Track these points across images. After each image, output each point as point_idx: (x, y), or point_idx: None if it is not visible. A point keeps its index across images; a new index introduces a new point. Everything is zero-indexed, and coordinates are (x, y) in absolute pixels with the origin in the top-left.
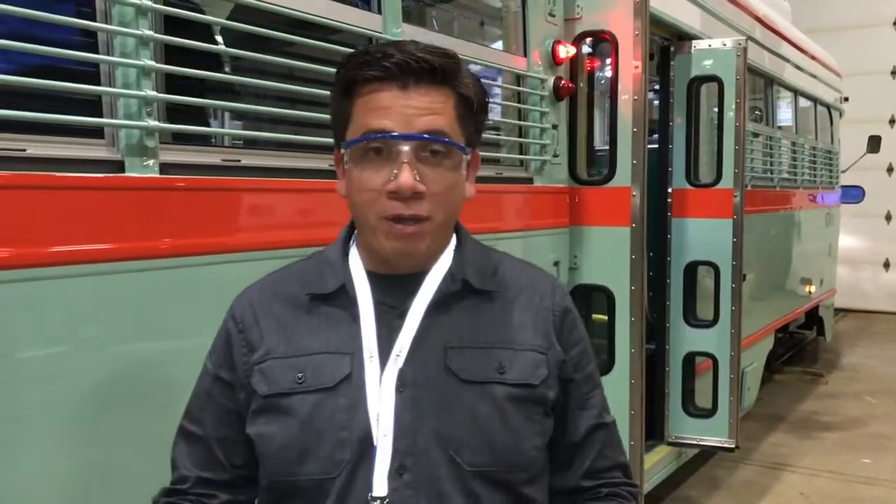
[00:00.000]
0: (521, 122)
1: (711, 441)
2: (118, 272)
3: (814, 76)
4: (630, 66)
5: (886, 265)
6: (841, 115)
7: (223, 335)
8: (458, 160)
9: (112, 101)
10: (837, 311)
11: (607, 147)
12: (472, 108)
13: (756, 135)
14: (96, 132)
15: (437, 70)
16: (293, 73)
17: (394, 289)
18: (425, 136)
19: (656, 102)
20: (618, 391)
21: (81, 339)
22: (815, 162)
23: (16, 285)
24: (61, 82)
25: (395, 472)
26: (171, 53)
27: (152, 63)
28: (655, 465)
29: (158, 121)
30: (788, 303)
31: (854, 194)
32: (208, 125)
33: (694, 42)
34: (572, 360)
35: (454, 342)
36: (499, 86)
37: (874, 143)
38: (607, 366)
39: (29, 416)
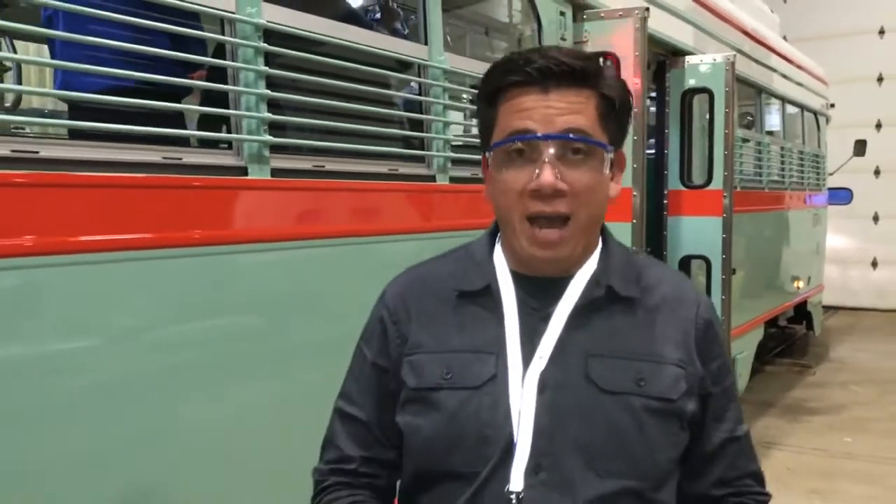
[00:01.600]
0: None
1: None
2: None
3: (800, 84)
4: (631, 83)
5: (874, 264)
6: (828, 120)
7: (378, 324)
8: (601, 159)
9: (237, 121)
10: (827, 308)
11: None
12: (614, 108)
13: (745, 140)
14: (227, 145)
15: (577, 72)
16: (359, 95)
17: (539, 291)
18: (569, 135)
19: (653, 109)
20: None
21: (254, 297)
22: (802, 165)
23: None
24: (208, 108)
25: (532, 470)
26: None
27: (267, 91)
28: None
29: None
30: (777, 297)
31: (843, 196)
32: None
33: (687, 57)
34: (711, 374)
35: (596, 350)
36: None
37: (860, 147)
38: None
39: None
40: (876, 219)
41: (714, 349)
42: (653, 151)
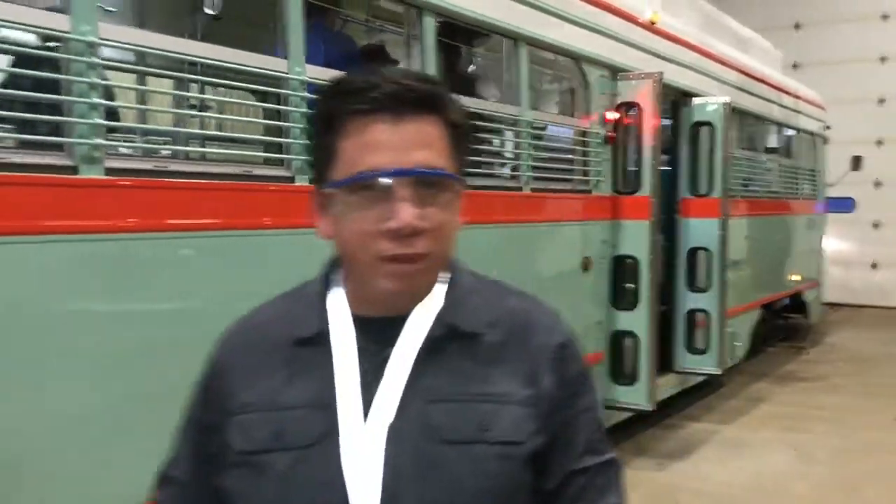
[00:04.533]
0: (585, 158)
1: (704, 370)
2: None
3: (797, 111)
4: (650, 123)
5: (874, 266)
6: (825, 140)
7: (203, 378)
8: (454, 192)
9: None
10: (831, 305)
11: (635, 170)
12: (462, 136)
13: (743, 159)
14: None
15: (427, 98)
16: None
17: (377, 333)
18: (427, 170)
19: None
20: (639, 328)
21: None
22: (796, 178)
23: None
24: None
25: None
26: None
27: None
28: (665, 388)
29: None
30: (772, 287)
31: (846, 204)
32: None
33: (694, 99)
34: (563, 402)
35: (437, 395)
36: (574, 140)
37: (856, 162)
38: (634, 303)
39: None
40: (876, 225)
41: (569, 371)
42: (669, 168)
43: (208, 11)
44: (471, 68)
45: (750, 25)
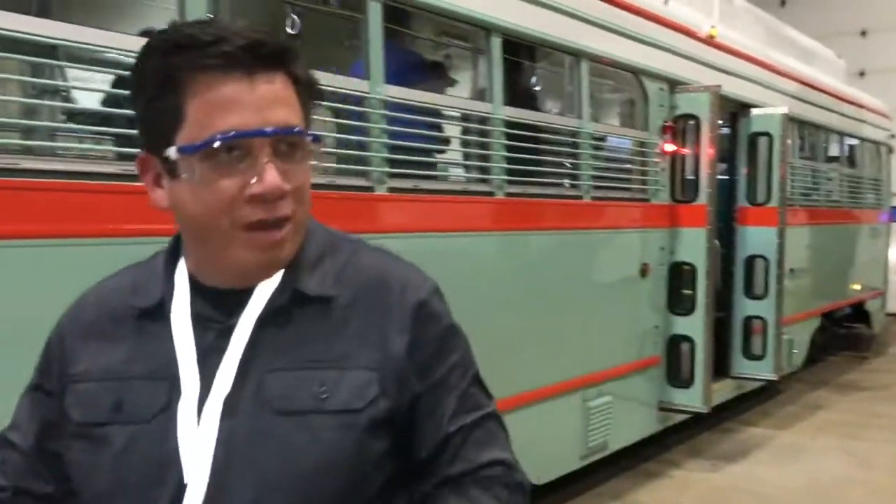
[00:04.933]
0: (643, 168)
1: (761, 375)
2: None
3: (861, 120)
4: (707, 134)
5: None
6: (891, 150)
7: (47, 344)
8: (309, 150)
9: None
10: (894, 315)
11: (693, 179)
12: (309, 93)
13: (802, 168)
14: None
15: (279, 54)
16: None
17: (225, 303)
18: (287, 129)
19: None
20: (695, 332)
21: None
22: (859, 187)
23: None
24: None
25: None
26: None
27: None
28: (721, 392)
29: None
30: (832, 295)
31: None
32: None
33: (752, 109)
34: (418, 367)
35: (276, 364)
36: (633, 150)
37: None
38: (690, 309)
39: None
40: None
41: (426, 334)
42: (727, 177)
43: (290, 31)
44: (534, 81)
45: (815, 32)
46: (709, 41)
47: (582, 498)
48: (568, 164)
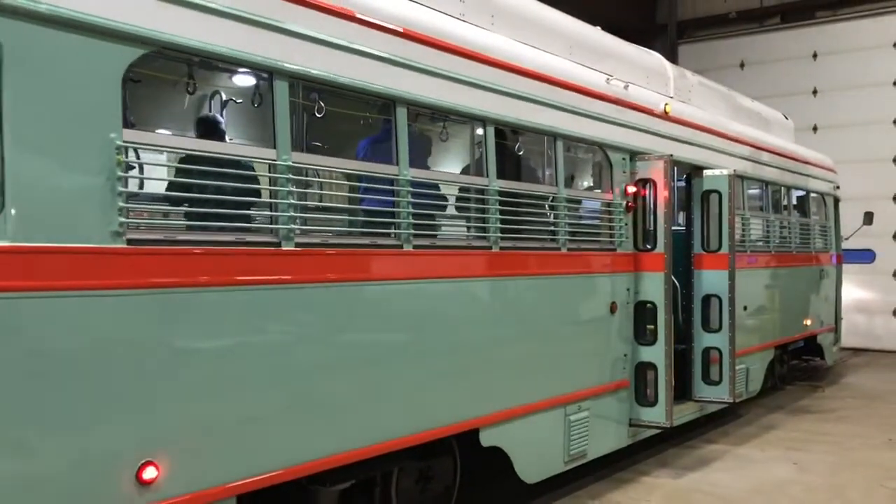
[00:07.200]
0: (610, 223)
1: (718, 398)
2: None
3: (806, 175)
4: (662, 195)
5: (895, 313)
6: (836, 199)
7: None
8: None
9: None
10: (854, 350)
11: (652, 231)
12: None
13: (752, 219)
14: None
15: None
16: None
17: None
18: None
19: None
20: (658, 360)
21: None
22: (808, 233)
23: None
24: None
25: None
26: None
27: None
28: (685, 413)
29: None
30: (784, 330)
31: (866, 256)
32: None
33: (704, 171)
34: None
35: None
36: (601, 209)
37: (868, 217)
38: (653, 340)
39: None
40: None
41: None
42: (684, 228)
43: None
44: (519, 157)
45: (771, 91)
46: (664, 116)
47: (565, 500)
48: (549, 222)
